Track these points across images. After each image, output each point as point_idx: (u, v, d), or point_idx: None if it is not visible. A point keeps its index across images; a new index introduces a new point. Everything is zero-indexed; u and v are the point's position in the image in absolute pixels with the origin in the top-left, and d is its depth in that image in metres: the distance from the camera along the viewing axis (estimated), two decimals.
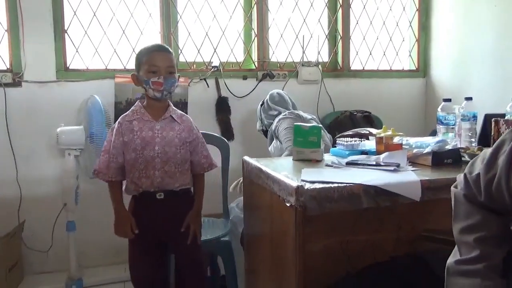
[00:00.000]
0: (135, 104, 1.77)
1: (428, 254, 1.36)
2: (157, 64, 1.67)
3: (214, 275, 2.40)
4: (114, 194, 1.75)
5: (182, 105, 2.74)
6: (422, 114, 3.26)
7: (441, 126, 1.78)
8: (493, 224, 0.97)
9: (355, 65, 3.17)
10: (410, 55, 3.32)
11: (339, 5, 3.10)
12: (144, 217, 1.74)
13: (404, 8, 3.26)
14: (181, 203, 1.78)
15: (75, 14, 2.61)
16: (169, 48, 1.76)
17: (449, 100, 1.81)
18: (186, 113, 2.78)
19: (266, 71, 2.93)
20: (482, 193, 0.98)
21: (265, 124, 2.56)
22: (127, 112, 1.77)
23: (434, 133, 1.98)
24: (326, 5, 3.09)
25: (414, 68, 3.32)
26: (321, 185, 1.29)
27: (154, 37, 2.76)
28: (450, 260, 0.96)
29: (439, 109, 1.81)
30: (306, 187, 1.27)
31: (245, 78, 2.91)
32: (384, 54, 3.24)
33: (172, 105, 1.80)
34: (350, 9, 3.13)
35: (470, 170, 1.01)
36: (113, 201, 1.75)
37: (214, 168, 1.86)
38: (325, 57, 3.13)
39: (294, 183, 1.29)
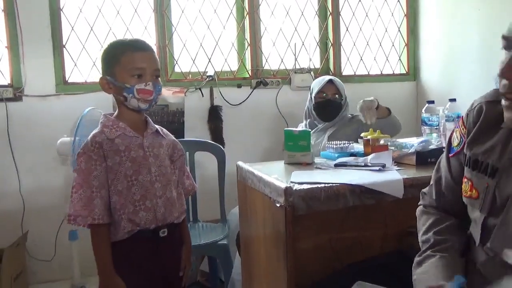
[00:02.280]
0: (102, 119, 1.39)
1: (414, 251, 1.43)
2: (142, 66, 1.31)
3: (214, 278, 2.46)
4: (102, 247, 1.32)
5: (179, 114, 2.82)
6: (413, 116, 3.33)
7: (425, 127, 1.86)
8: (450, 219, 1.06)
9: (346, 71, 3.25)
10: (400, 59, 3.41)
11: (329, 13, 3.19)
12: (141, 269, 1.36)
13: (392, 13, 3.35)
14: (179, 239, 1.47)
15: (72, 29, 2.70)
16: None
17: (432, 102, 1.89)
18: (183, 122, 2.90)
19: (260, 79, 3.01)
20: (436, 198, 1.12)
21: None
22: (97, 129, 1.36)
23: None
24: (316, 13, 3.18)
25: (405, 72, 3.40)
26: (309, 186, 1.37)
27: None
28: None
29: (423, 111, 1.88)
30: (294, 188, 1.34)
31: (239, 86, 2.99)
32: (375, 59, 3.32)
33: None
34: (340, 16, 3.22)
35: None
36: (101, 260, 1.32)
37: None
38: (317, 64, 3.21)
39: (283, 184, 1.36)
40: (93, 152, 1.32)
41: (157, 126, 1.46)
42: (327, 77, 2.48)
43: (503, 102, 0.87)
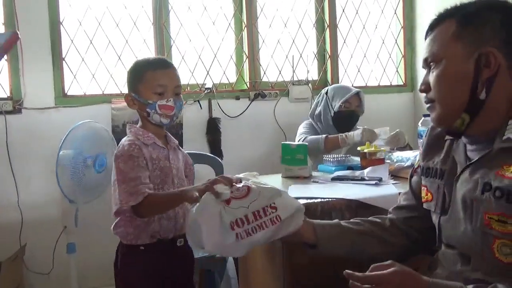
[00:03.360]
0: (131, 128, 1.44)
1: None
2: (164, 83, 1.39)
3: None
4: (164, 198, 1.37)
5: (178, 126, 2.84)
6: (411, 128, 3.34)
7: (421, 140, 1.87)
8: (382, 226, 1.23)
9: (344, 82, 3.27)
10: (397, 70, 3.43)
11: (326, 25, 3.22)
12: (156, 276, 1.41)
13: (389, 25, 3.38)
14: (191, 248, 1.48)
15: (72, 42, 2.72)
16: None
17: (428, 115, 1.89)
18: (181, 134, 2.91)
19: (258, 91, 3.03)
20: (393, 209, 1.26)
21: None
22: (130, 136, 1.41)
23: None
24: (313, 26, 3.20)
25: (402, 83, 3.43)
26: (305, 201, 1.37)
27: None
28: None
29: (419, 124, 1.90)
30: None
31: (237, 98, 3.01)
32: (372, 71, 3.35)
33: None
34: (337, 28, 3.25)
35: None
36: (173, 196, 1.35)
37: None
38: (314, 76, 3.24)
39: None
40: (134, 152, 1.36)
41: (175, 141, 1.55)
42: (354, 89, 2.51)
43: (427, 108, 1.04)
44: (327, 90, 2.57)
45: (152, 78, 1.39)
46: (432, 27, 1.02)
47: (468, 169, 0.97)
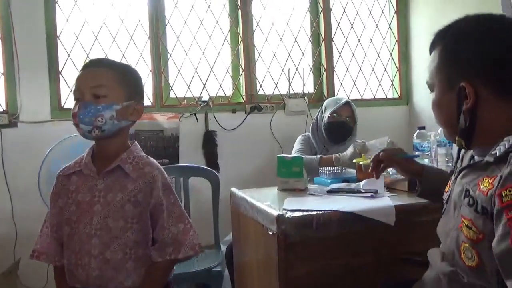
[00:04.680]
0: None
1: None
2: (77, 86, 1.20)
3: None
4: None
5: (174, 140, 2.83)
6: (406, 141, 3.34)
7: (416, 152, 1.88)
8: None
9: (340, 95, 3.28)
10: (392, 83, 3.46)
11: (321, 39, 3.25)
12: None
13: (384, 39, 3.41)
14: None
15: (69, 55, 2.73)
16: (111, 60, 1.30)
17: (423, 127, 1.91)
18: (177, 147, 2.91)
19: (254, 104, 3.04)
20: None
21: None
22: (74, 160, 1.30)
23: None
24: (309, 40, 3.23)
25: (397, 96, 3.45)
26: (300, 213, 1.37)
27: (145, 76, 2.88)
28: None
29: (414, 137, 1.91)
30: (286, 216, 1.34)
31: (234, 111, 3.02)
32: (368, 84, 3.37)
33: (132, 147, 1.27)
34: (333, 42, 3.28)
35: None
36: None
37: (189, 257, 1.27)
38: (310, 89, 3.25)
39: (275, 212, 1.37)
40: (54, 187, 1.30)
41: (139, 160, 1.24)
42: (344, 99, 2.50)
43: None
44: (323, 103, 2.58)
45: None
46: (430, 48, 1.08)
47: (462, 173, 1.03)
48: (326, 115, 2.44)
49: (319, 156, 2.32)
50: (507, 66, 0.94)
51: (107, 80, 1.20)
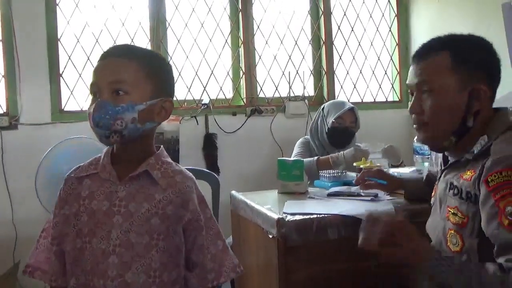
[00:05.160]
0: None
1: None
2: (94, 80, 1.00)
3: None
4: None
5: (174, 142, 2.84)
6: (407, 144, 3.34)
7: (417, 156, 1.88)
8: None
9: (340, 98, 3.29)
10: (392, 86, 3.46)
11: (322, 42, 3.25)
12: None
13: (384, 42, 3.41)
14: None
15: (69, 58, 2.74)
16: (135, 47, 1.10)
17: None
18: (178, 150, 2.91)
19: (255, 106, 3.04)
20: None
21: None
22: (88, 161, 1.10)
23: None
24: (309, 42, 3.24)
25: (397, 99, 3.45)
26: (301, 217, 1.37)
27: None
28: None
29: (414, 140, 1.90)
30: (286, 219, 1.34)
31: (234, 114, 3.02)
32: (368, 87, 3.37)
33: (159, 151, 1.08)
34: (333, 45, 3.28)
35: None
36: None
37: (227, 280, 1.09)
38: (311, 92, 3.25)
39: (275, 215, 1.37)
40: (61, 191, 1.08)
41: (168, 167, 1.06)
42: (348, 104, 2.48)
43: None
44: (324, 106, 2.57)
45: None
46: (423, 54, 1.12)
47: (444, 172, 1.17)
48: (330, 119, 2.42)
49: (315, 158, 2.31)
50: (498, 78, 1.11)
51: (129, 74, 0.99)
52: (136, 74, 1.00)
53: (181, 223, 1.03)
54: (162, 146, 1.10)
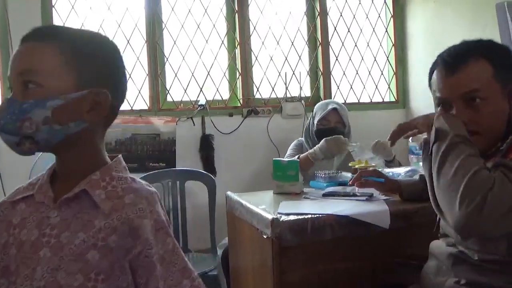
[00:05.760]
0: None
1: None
2: (9, 71, 0.81)
3: None
4: None
5: (171, 143, 2.83)
6: (403, 144, 3.35)
7: (412, 156, 1.88)
8: None
9: (336, 99, 3.28)
10: (389, 87, 3.46)
11: (318, 43, 3.25)
12: None
13: (380, 43, 3.42)
14: None
15: None
16: (59, 28, 0.89)
17: None
18: (174, 151, 2.90)
19: (251, 107, 3.04)
20: None
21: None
22: (32, 178, 0.90)
23: None
24: (306, 43, 3.24)
25: (394, 100, 3.45)
26: (295, 217, 1.37)
27: (141, 79, 2.88)
28: None
29: (410, 140, 1.90)
30: (281, 219, 1.34)
31: (231, 115, 3.02)
32: (364, 88, 3.37)
33: (111, 163, 0.86)
34: (329, 46, 3.28)
35: None
36: None
37: None
38: (307, 92, 3.26)
39: (269, 215, 1.37)
40: None
41: (119, 184, 0.83)
42: (332, 105, 2.45)
43: None
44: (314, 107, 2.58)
45: None
46: (459, 64, 1.10)
47: None
48: (315, 121, 2.43)
49: (297, 156, 2.31)
50: None
51: (43, 61, 0.78)
52: (53, 60, 0.78)
53: (128, 258, 0.80)
54: (120, 155, 0.89)
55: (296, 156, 2.31)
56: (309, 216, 1.37)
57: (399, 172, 1.69)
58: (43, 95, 0.77)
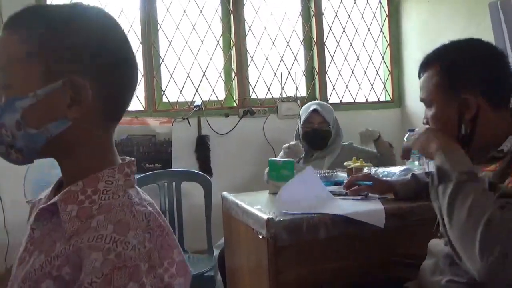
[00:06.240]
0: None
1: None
2: None
3: None
4: None
5: (167, 144, 2.83)
6: (399, 143, 3.36)
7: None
8: None
9: (332, 99, 3.30)
10: (384, 87, 3.47)
11: (314, 43, 3.26)
12: None
13: (376, 43, 3.43)
14: None
15: None
16: (21, 16, 0.68)
17: (413, 130, 1.91)
18: (170, 152, 2.90)
19: (247, 108, 3.05)
20: None
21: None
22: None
23: None
24: (301, 43, 3.24)
25: (389, 99, 3.46)
26: (291, 216, 1.37)
27: None
28: None
29: (404, 139, 1.91)
30: (276, 219, 1.34)
31: (226, 115, 3.02)
32: (360, 87, 3.38)
33: (111, 171, 0.70)
34: (325, 46, 3.29)
35: None
36: None
37: None
38: (303, 92, 3.26)
39: (265, 216, 1.36)
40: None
41: (106, 198, 0.68)
42: (312, 106, 2.49)
43: None
44: None
45: None
46: (422, 68, 1.17)
47: None
48: (300, 124, 2.48)
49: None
50: (498, 83, 1.10)
51: (6, 55, 0.66)
52: (16, 52, 0.65)
53: None
54: (128, 160, 0.75)
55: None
56: (305, 215, 1.37)
57: (394, 171, 1.69)
58: (12, 96, 0.65)
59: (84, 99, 0.66)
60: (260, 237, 1.38)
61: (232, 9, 3.07)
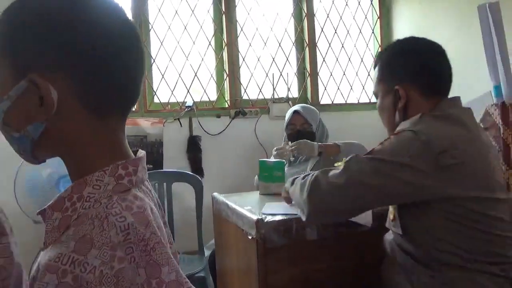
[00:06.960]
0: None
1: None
2: None
3: None
4: None
5: (158, 145, 2.82)
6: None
7: None
8: None
9: (324, 100, 3.31)
10: None
11: (305, 44, 3.27)
12: None
13: (367, 44, 3.44)
14: None
15: None
16: None
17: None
18: (161, 153, 2.89)
19: (239, 108, 3.04)
20: None
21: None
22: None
23: None
24: (293, 44, 3.25)
25: None
26: (281, 217, 1.37)
27: None
28: None
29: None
30: (266, 220, 1.34)
31: (218, 116, 3.02)
32: (351, 88, 3.39)
33: (111, 170, 0.60)
34: (317, 47, 3.30)
35: None
36: None
37: None
38: (295, 93, 3.27)
39: (254, 216, 1.37)
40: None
41: (93, 207, 0.59)
42: (293, 108, 2.51)
43: None
44: None
45: None
46: (374, 66, 1.37)
47: None
48: (284, 127, 2.51)
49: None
50: (424, 74, 1.26)
51: None
52: None
53: None
54: (119, 163, 0.62)
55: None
56: (294, 216, 1.37)
57: None
58: None
59: (46, 95, 0.58)
60: (250, 238, 1.38)
61: (224, 10, 3.07)
